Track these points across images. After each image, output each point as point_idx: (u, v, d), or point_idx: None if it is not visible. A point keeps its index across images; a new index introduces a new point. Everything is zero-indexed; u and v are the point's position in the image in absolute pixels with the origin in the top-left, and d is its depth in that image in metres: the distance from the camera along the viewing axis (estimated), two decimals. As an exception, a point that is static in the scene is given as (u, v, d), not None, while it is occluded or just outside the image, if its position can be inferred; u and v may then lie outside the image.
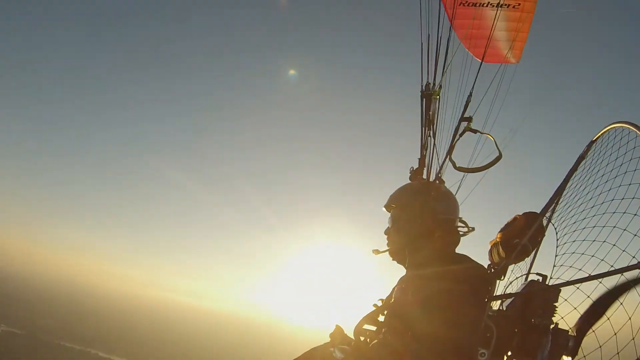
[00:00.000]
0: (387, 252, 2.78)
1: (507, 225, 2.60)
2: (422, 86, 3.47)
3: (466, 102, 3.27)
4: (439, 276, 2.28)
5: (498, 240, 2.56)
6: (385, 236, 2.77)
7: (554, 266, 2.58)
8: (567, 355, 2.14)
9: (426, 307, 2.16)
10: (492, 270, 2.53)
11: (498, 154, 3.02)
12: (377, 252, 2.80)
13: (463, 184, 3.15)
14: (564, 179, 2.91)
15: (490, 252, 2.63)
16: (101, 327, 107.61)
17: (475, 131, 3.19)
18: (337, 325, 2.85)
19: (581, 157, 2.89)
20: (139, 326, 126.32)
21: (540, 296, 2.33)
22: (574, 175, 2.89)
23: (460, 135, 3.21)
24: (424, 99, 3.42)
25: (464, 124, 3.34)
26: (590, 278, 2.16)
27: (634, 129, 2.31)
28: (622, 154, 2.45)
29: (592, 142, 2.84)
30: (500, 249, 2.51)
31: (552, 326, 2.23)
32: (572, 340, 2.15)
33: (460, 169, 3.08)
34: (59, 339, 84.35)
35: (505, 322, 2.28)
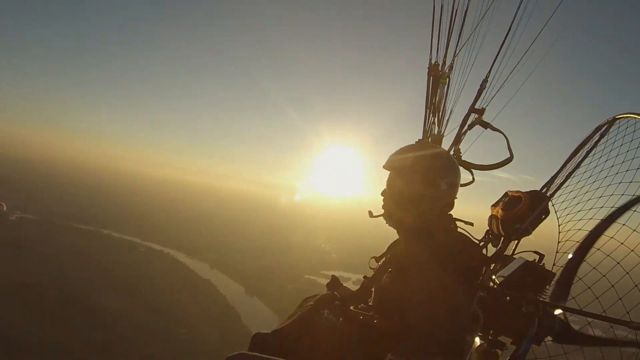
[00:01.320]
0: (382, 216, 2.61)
1: (511, 203, 2.51)
2: (430, 63, 3.07)
3: (479, 89, 2.82)
4: (432, 266, 2.09)
5: (499, 216, 2.51)
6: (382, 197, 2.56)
7: (557, 252, 2.52)
8: (552, 338, 2.23)
9: (417, 298, 2.00)
10: (490, 236, 2.59)
11: (509, 156, 2.77)
12: (371, 214, 2.63)
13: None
14: (566, 161, 2.86)
15: (490, 220, 2.62)
16: (114, 208, 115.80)
17: (486, 126, 2.83)
18: (333, 276, 2.76)
19: (585, 141, 2.83)
20: (149, 206, 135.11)
21: (534, 279, 2.29)
22: (574, 158, 2.84)
23: (470, 127, 2.88)
24: (431, 79, 3.08)
25: (474, 115, 2.98)
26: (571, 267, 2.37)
27: None
28: (627, 142, 2.49)
29: (599, 127, 2.79)
30: (500, 227, 2.48)
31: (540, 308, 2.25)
32: (559, 324, 2.22)
33: (465, 163, 2.85)
34: (74, 222, 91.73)
35: (495, 304, 2.27)
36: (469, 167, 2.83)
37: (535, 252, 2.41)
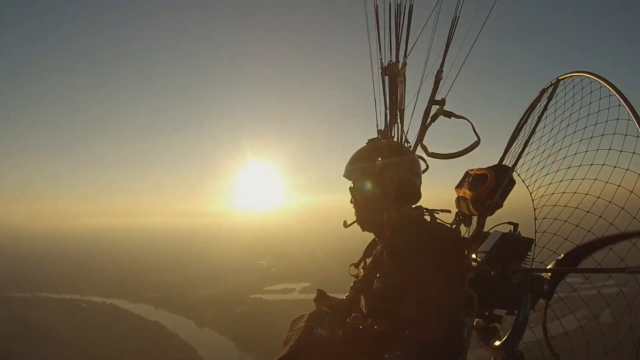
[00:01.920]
0: (357, 223, 2.66)
1: (476, 182, 2.52)
2: (381, 63, 2.86)
3: (436, 80, 2.52)
4: (420, 260, 2.06)
5: (468, 197, 2.53)
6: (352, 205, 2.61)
7: (536, 219, 2.64)
8: (543, 299, 2.30)
9: (412, 294, 1.96)
10: (460, 218, 2.61)
11: (476, 139, 2.62)
12: (346, 224, 2.68)
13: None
14: (517, 128, 2.90)
15: (458, 202, 2.66)
16: (47, 269, 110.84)
17: (449, 115, 2.59)
18: (319, 290, 2.69)
19: (533, 105, 2.89)
20: (81, 260, 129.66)
21: (513, 249, 2.39)
22: (526, 125, 2.88)
23: (433, 119, 2.62)
24: (387, 79, 2.91)
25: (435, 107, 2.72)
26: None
27: (588, 76, 2.41)
28: (578, 100, 2.54)
29: (543, 90, 2.86)
30: (471, 207, 2.52)
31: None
32: (547, 284, 2.28)
33: (433, 154, 2.75)
34: (8, 292, 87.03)
35: (484, 281, 2.31)
36: (438, 157, 2.72)
37: (509, 222, 2.50)
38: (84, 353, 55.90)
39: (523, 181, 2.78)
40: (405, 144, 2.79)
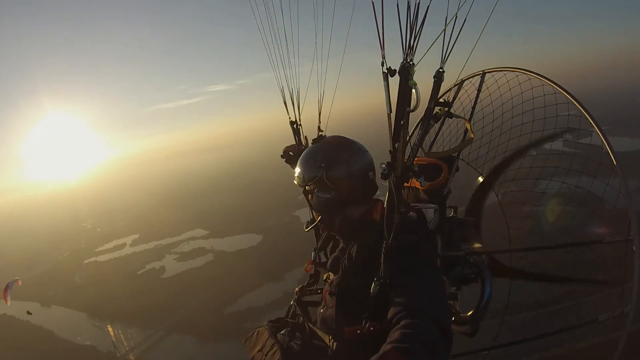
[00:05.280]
0: (322, 228, 2.74)
1: (426, 173, 2.43)
2: (383, 63, 2.24)
3: (437, 81, 2.23)
4: (394, 257, 2.08)
5: (420, 188, 2.63)
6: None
7: (501, 204, 2.92)
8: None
9: (404, 293, 1.95)
10: (401, 208, 2.28)
11: (471, 136, 2.65)
12: (307, 226, 2.73)
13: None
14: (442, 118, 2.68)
15: (407, 192, 2.75)
16: None
17: (451, 116, 2.49)
18: (297, 290, 2.89)
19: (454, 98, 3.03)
20: None
21: (459, 231, 2.61)
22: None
23: (436, 120, 2.41)
24: (395, 79, 2.35)
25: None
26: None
27: (508, 71, 2.74)
28: (510, 92, 2.84)
29: (462, 81, 3.06)
30: (423, 196, 2.67)
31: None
32: (488, 260, 2.62)
33: (430, 154, 2.81)
34: None
35: (446, 265, 2.51)
36: (436, 156, 2.74)
37: (449, 207, 2.68)
38: None
39: (467, 163, 3.06)
40: (409, 147, 2.27)
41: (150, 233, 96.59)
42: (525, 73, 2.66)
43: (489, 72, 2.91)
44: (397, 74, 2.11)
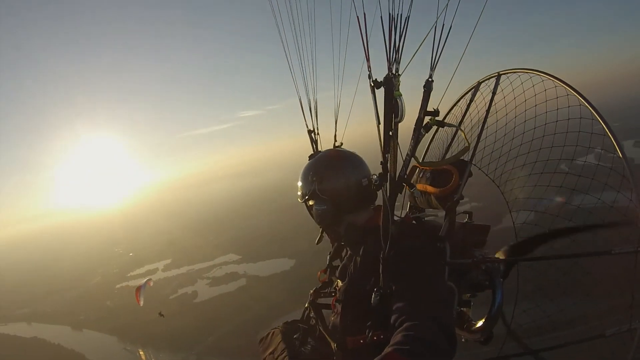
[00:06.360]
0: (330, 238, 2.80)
1: (438, 178, 2.58)
2: (370, 76, 2.30)
3: (426, 90, 2.20)
4: (399, 264, 2.09)
5: (430, 192, 2.60)
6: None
7: (511, 212, 2.85)
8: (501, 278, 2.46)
9: (406, 299, 1.96)
10: (416, 212, 2.71)
11: (466, 145, 2.56)
12: (318, 241, 2.84)
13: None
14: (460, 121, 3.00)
15: (413, 195, 2.74)
16: None
17: (442, 125, 2.43)
18: (312, 292, 2.86)
19: (471, 100, 3.01)
20: None
21: (474, 237, 2.58)
22: (466, 115, 3.01)
23: (426, 130, 2.37)
24: (383, 91, 2.37)
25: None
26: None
27: (529, 72, 2.65)
28: (520, 93, 2.75)
29: (479, 83, 3.01)
30: (435, 202, 2.62)
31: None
32: (503, 265, 2.48)
33: (424, 163, 2.77)
34: None
35: (457, 272, 2.42)
36: (431, 166, 2.72)
37: (464, 212, 2.64)
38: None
39: (487, 174, 2.94)
40: (401, 157, 2.27)
41: (182, 258, 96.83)
42: (539, 74, 2.60)
43: (504, 73, 2.85)
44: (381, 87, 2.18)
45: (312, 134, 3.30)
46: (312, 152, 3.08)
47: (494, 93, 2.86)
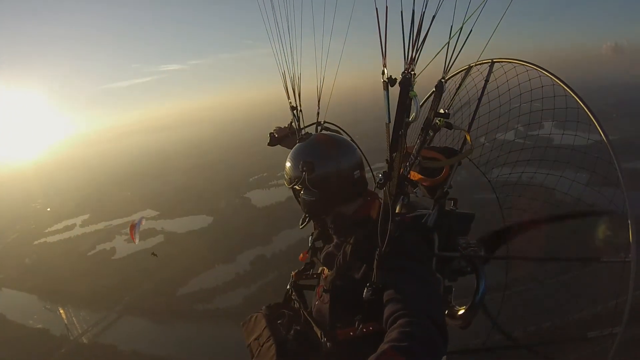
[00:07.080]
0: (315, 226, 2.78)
1: (428, 168, 2.50)
2: (384, 72, 2.12)
3: (438, 91, 2.14)
4: (403, 266, 2.06)
5: (421, 182, 2.57)
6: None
7: (502, 210, 2.84)
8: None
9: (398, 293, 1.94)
10: (405, 199, 2.51)
11: (470, 147, 2.53)
12: (301, 223, 2.77)
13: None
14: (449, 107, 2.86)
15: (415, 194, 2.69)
16: None
17: (451, 127, 2.39)
18: (294, 274, 2.83)
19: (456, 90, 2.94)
20: None
21: (459, 225, 2.54)
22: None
23: (435, 132, 2.41)
24: (397, 88, 2.22)
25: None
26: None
27: (507, 61, 2.62)
28: (508, 84, 2.69)
29: (469, 67, 2.93)
30: (423, 189, 2.61)
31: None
32: (484, 251, 2.51)
33: (428, 164, 2.61)
34: None
35: (443, 260, 2.46)
36: (433, 166, 2.60)
37: (450, 199, 2.58)
38: None
39: (470, 160, 2.82)
40: (409, 157, 2.18)
41: (100, 213, 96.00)
42: (535, 69, 2.54)
43: (497, 61, 2.76)
44: (397, 84, 2.02)
45: (295, 111, 3.20)
46: (298, 130, 3.11)
47: (486, 81, 2.79)
